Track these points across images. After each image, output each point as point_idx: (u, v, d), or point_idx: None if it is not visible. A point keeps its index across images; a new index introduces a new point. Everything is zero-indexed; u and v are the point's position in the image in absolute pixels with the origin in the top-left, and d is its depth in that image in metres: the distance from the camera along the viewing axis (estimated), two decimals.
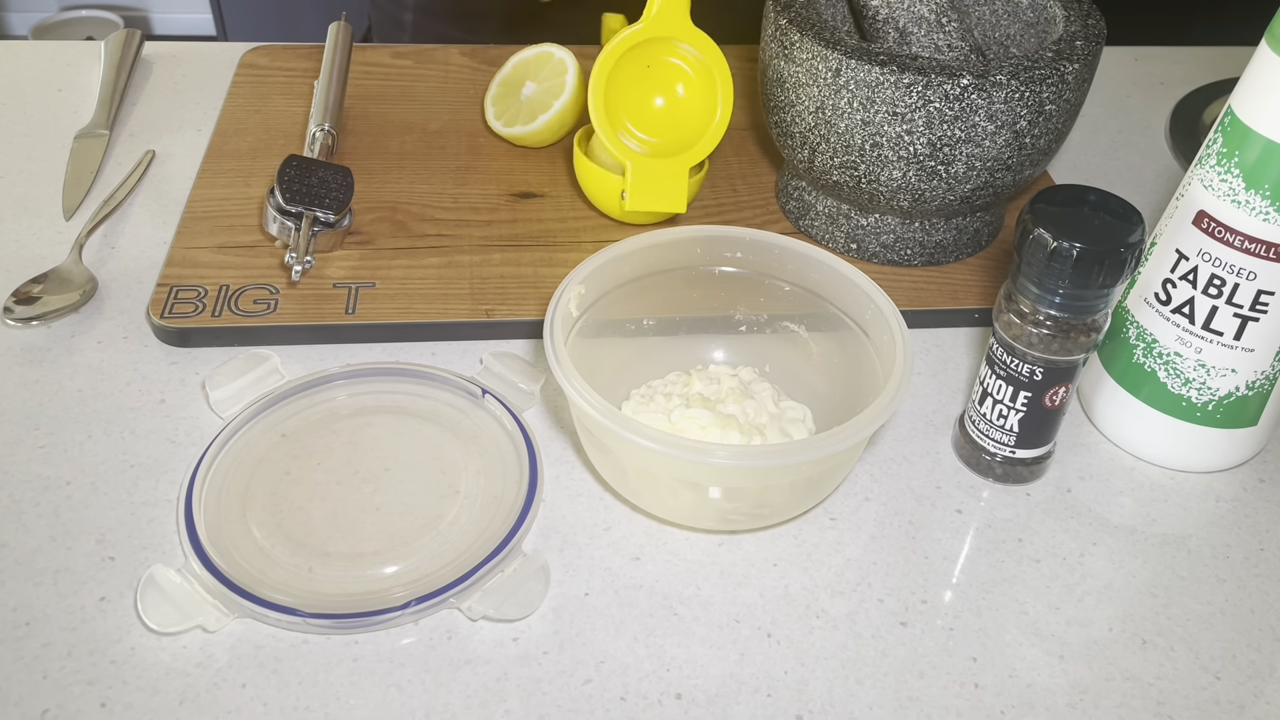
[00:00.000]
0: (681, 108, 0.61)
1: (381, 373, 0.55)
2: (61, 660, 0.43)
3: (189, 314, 0.57)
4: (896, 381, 0.46)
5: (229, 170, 0.67)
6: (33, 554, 0.46)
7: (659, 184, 0.60)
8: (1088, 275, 0.45)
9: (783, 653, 0.45)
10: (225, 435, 0.50)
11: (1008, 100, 0.53)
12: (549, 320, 0.48)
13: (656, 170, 0.60)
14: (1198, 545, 0.50)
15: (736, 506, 0.48)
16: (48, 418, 0.52)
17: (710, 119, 0.61)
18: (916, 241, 0.62)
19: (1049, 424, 0.50)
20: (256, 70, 0.77)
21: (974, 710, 0.43)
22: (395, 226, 0.64)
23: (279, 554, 0.46)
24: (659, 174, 0.60)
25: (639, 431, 0.43)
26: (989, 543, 0.50)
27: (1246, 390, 0.50)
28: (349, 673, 0.43)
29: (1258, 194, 0.46)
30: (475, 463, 0.51)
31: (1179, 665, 0.45)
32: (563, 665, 0.44)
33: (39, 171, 0.68)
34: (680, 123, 0.61)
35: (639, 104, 0.61)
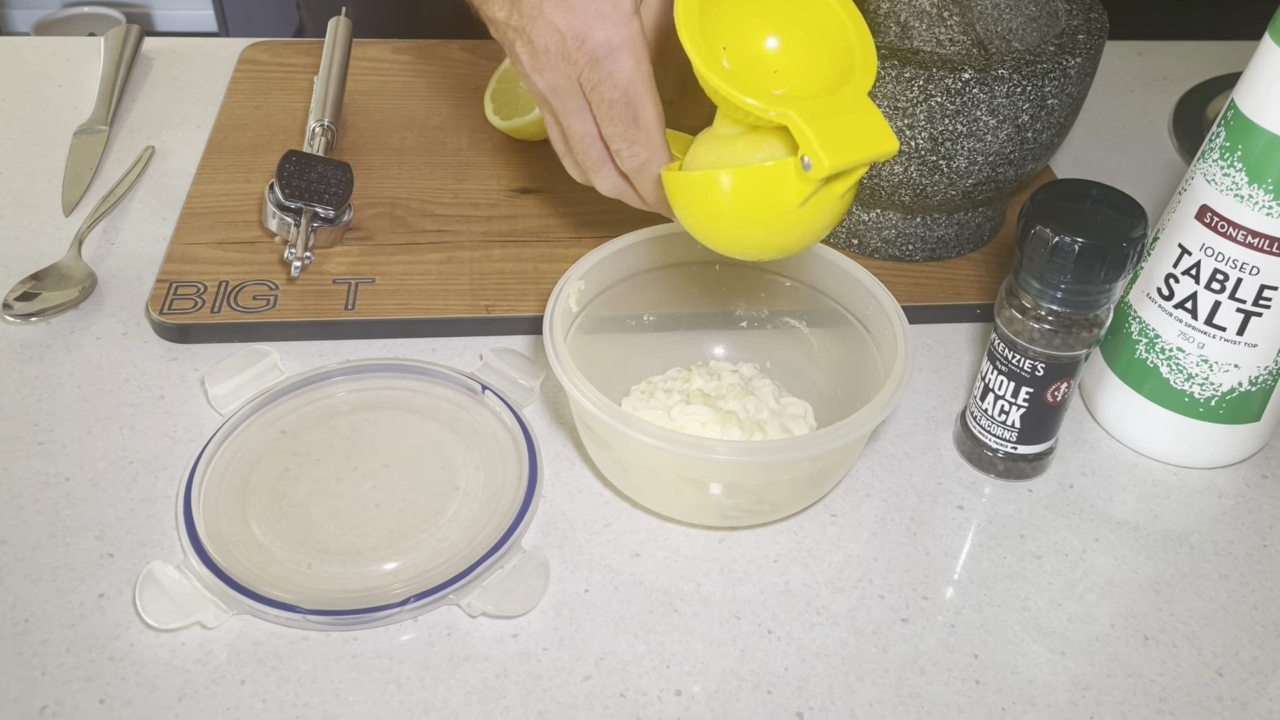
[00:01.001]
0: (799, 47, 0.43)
1: (381, 369, 0.54)
2: (60, 657, 0.43)
3: (188, 310, 0.56)
4: (898, 377, 0.45)
5: (228, 166, 0.67)
6: (32, 550, 0.46)
7: (847, 123, 0.39)
8: (1090, 270, 0.45)
9: (783, 649, 0.45)
10: (224, 431, 0.50)
11: (1010, 94, 0.53)
12: (549, 316, 0.48)
13: (833, 108, 0.39)
14: (1200, 541, 0.50)
15: (737, 503, 0.48)
16: (47, 414, 0.52)
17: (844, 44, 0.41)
18: (918, 237, 0.62)
19: (1051, 420, 0.50)
20: (256, 66, 0.77)
21: (975, 707, 0.43)
22: (395, 222, 0.64)
23: (278, 550, 0.46)
24: (839, 111, 0.39)
25: (639, 428, 0.43)
26: (990, 539, 0.50)
27: (1249, 386, 0.50)
28: (348, 669, 0.43)
29: (1261, 188, 0.45)
30: (475, 459, 0.51)
31: (1181, 662, 0.45)
32: (562, 662, 0.44)
33: (38, 167, 0.68)
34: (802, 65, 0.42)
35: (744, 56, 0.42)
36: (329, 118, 0.67)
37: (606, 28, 0.42)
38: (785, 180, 0.39)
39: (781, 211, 0.41)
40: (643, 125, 0.44)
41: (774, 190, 0.40)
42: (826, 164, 0.38)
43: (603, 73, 0.43)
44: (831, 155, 0.38)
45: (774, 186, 0.40)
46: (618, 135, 0.45)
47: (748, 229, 0.43)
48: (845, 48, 0.41)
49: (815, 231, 0.43)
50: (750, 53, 0.42)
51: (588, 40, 0.42)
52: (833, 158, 0.38)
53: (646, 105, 0.44)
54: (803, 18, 0.42)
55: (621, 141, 0.45)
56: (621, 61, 0.43)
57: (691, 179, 0.42)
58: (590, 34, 0.42)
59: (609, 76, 0.43)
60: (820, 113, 0.38)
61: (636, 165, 0.45)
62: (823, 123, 0.38)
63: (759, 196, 0.41)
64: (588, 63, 0.43)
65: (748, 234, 0.43)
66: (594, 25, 0.42)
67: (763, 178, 0.40)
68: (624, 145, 0.45)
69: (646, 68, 0.43)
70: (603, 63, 0.43)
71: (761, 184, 0.40)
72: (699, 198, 0.42)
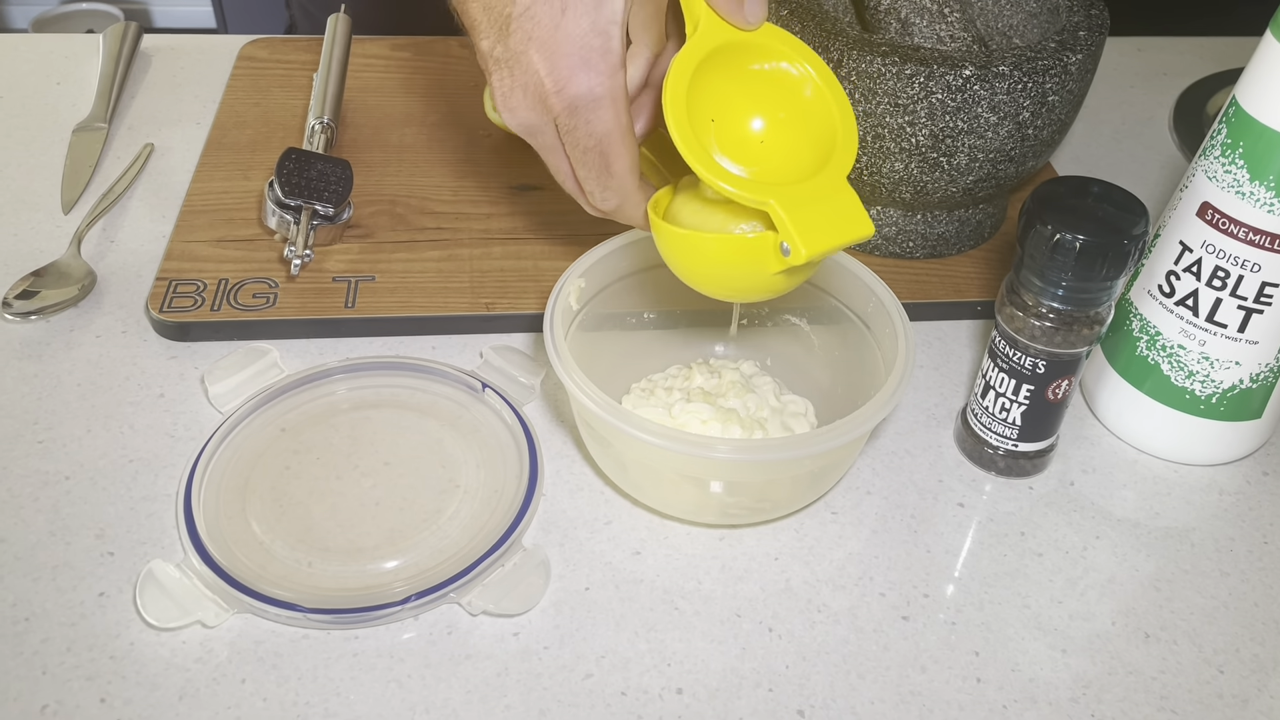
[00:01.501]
0: (784, 126, 0.44)
1: (381, 367, 0.54)
2: (61, 656, 0.43)
3: (188, 308, 0.56)
4: (898, 375, 0.45)
5: (228, 163, 0.67)
6: (32, 549, 0.46)
7: (825, 210, 0.41)
8: (1091, 267, 0.45)
9: (784, 647, 0.45)
10: (224, 430, 0.50)
11: (1010, 91, 0.53)
12: (549, 314, 0.47)
13: (811, 195, 0.41)
14: (1201, 539, 0.50)
15: (738, 501, 0.48)
16: (47, 412, 0.52)
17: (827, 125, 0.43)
18: (918, 234, 0.62)
19: (1052, 417, 0.50)
20: (255, 63, 0.77)
21: (976, 704, 0.43)
22: (395, 220, 0.63)
23: (278, 549, 0.46)
24: (817, 198, 0.41)
25: (639, 426, 0.43)
26: (991, 536, 0.50)
27: (1250, 383, 0.50)
28: (349, 668, 0.43)
29: (1262, 185, 0.45)
30: (475, 457, 0.51)
31: (1182, 659, 0.45)
32: (563, 660, 0.44)
33: (37, 165, 0.68)
34: (785, 145, 0.44)
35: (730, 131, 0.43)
36: (328, 115, 0.67)
37: (590, 77, 0.41)
38: (763, 253, 0.42)
39: (757, 275, 0.43)
40: (615, 174, 0.44)
41: (752, 259, 0.42)
42: (804, 253, 0.40)
43: (579, 120, 0.42)
44: (809, 245, 0.40)
45: (752, 256, 0.42)
46: (590, 179, 0.45)
47: (723, 281, 0.46)
48: (828, 127, 0.43)
49: (788, 287, 0.45)
50: (737, 126, 0.44)
51: (568, 87, 0.41)
52: (810, 247, 0.40)
53: (620, 155, 0.43)
54: (790, 98, 0.44)
55: (594, 185, 0.45)
56: (600, 113, 0.42)
57: (674, 233, 0.44)
58: (572, 81, 0.41)
59: (585, 125, 0.42)
60: (799, 201, 0.41)
61: (609, 209, 0.46)
62: (801, 212, 0.40)
63: (737, 262, 0.43)
64: (564, 109, 0.42)
65: (723, 285, 0.46)
66: (577, 73, 0.41)
67: (743, 248, 0.42)
68: (596, 189, 0.45)
69: (625, 120, 0.43)
70: (580, 111, 0.42)
71: (741, 253, 0.43)
72: (680, 248, 0.45)
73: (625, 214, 0.46)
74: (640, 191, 0.45)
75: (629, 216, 0.46)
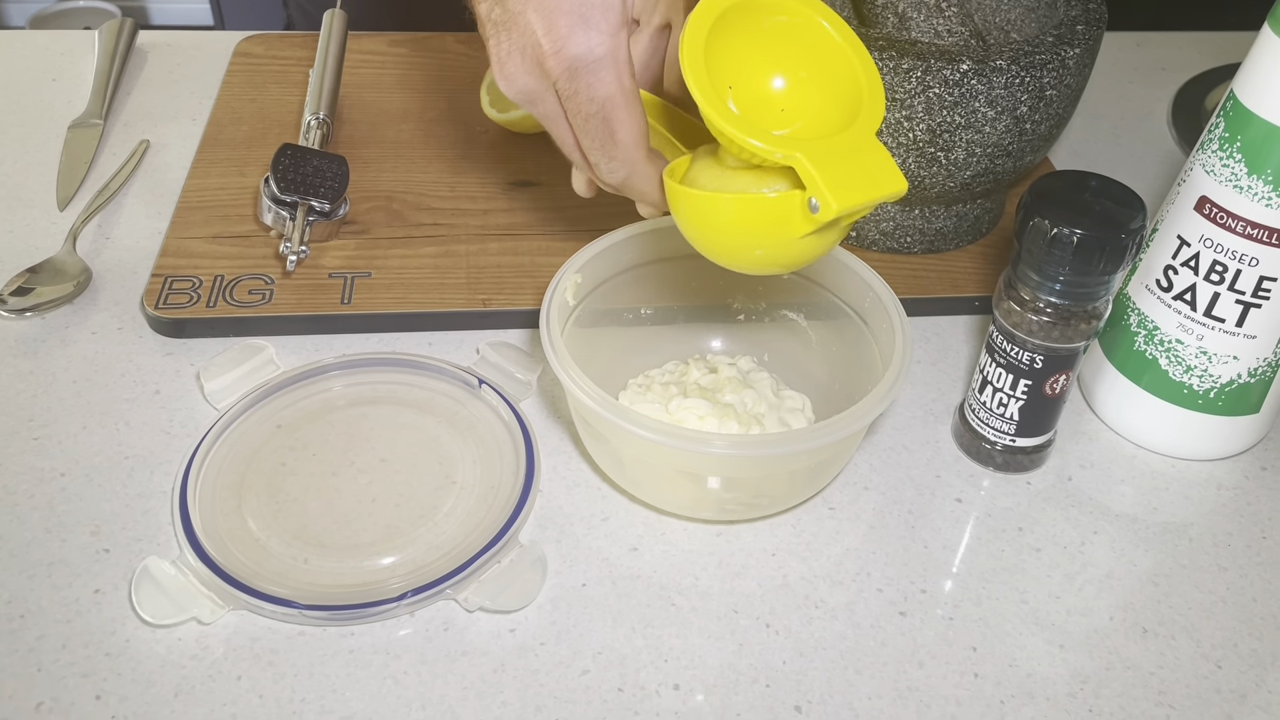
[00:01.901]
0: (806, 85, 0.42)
1: (377, 363, 0.54)
2: (56, 653, 0.43)
3: (184, 304, 0.56)
4: (896, 370, 0.45)
5: (224, 160, 0.67)
6: (27, 546, 0.46)
7: (854, 165, 0.38)
8: (1088, 262, 0.44)
9: (781, 643, 0.44)
10: (220, 426, 0.50)
11: (1008, 85, 0.53)
12: (545, 309, 0.47)
13: (839, 149, 0.39)
14: (1199, 533, 0.50)
15: (735, 496, 0.48)
16: (42, 409, 0.52)
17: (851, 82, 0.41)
18: (916, 229, 0.62)
19: (1049, 412, 0.50)
20: (251, 59, 0.77)
21: (973, 700, 0.43)
22: (391, 216, 0.63)
23: (274, 545, 0.46)
24: (846, 153, 0.39)
25: (636, 421, 0.43)
26: (989, 532, 0.49)
27: (1248, 377, 0.50)
28: (345, 664, 0.43)
29: (1260, 179, 0.45)
30: (472, 453, 0.51)
31: (1180, 654, 0.45)
32: (560, 656, 0.43)
33: (33, 162, 0.68)
34: (809, 104, 0.42)
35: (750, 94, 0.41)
36: (324, 111, 0.67)
37: (590, 36, 0.39)
38: (789, 214, 0.39)
39: (782, 240, 0.40)
40: (620, 143, 0.41)
41: (776, 221, 0.40)
42: (835, 207, 0.37)
43: (580, 84, 0.40)
44: (839, 198, 0.37)
45: (777, 218, 0.40)
46: (594, 150, 0.42)
47: (745, 250, 0.43)
48: (853, 86, 0.41)
49: (813, 256, 0.42)
50: (757, 92, 0.41)
51: (566, 47, 0.39)
52: (840, 200, 0.37)
53: (624, 122, 0.41)
54: (809, 57, 0.41)
55: (599, 156, 0.42)
56: (602, 74, 0.40)
57: (693, 196, 0.41)
58: (570, 40, 0.39)
59: (586, 88, 0.40)
60: (827, 154, 0.38)
61: (616, 182, 0.43)
62: (830, 165, 0.38)
63: (760, 225, 0.40)
64: (563, 72, 0.40)
65: (744, 254, 0.43)
66: (576, 31, 0.39)
67: (767, 209, 0.40)
68: (601, 160, 0.43)
69: (629, 84, 0.41)
70: (580, 74, 0.40)
71: (765, 214, 0.40)
72: (698, 214, 0.42)
73: (635, 187, 0.43)
74: (650, 163, 0.43)
75: (640, 190, 0.43)
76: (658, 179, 0.43)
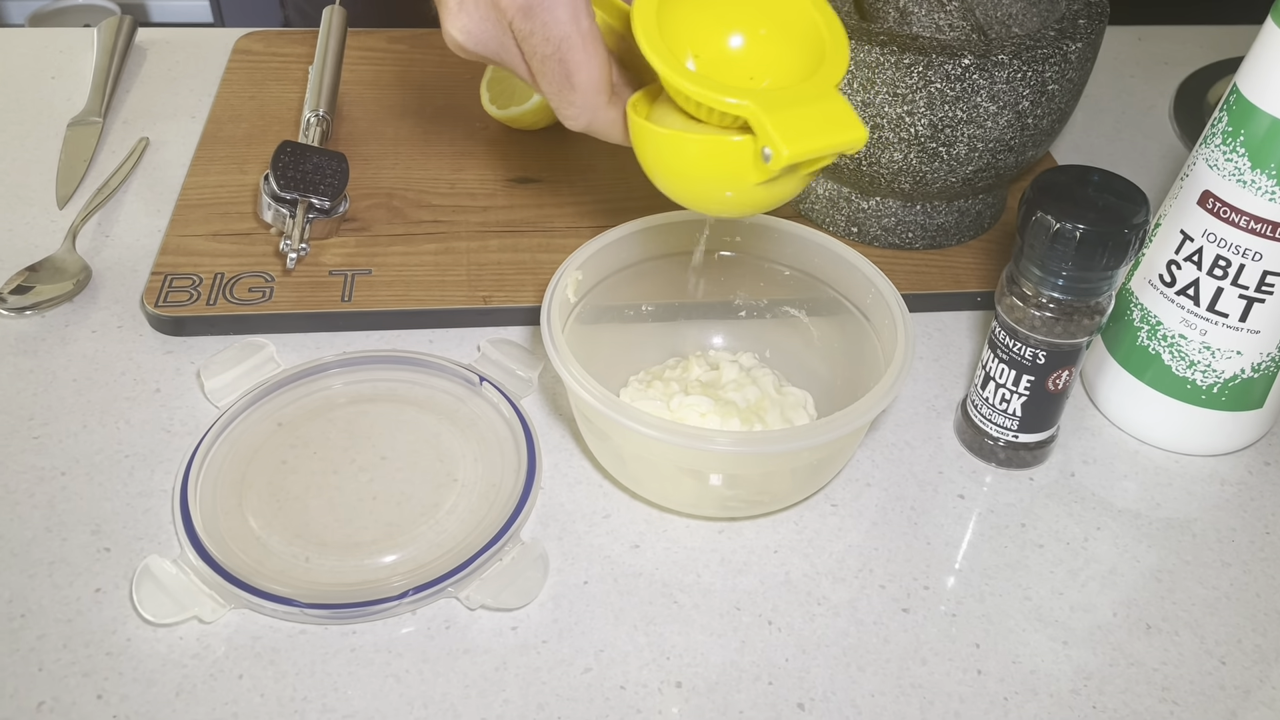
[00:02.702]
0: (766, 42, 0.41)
1: (378, 360, 0.54)
2: (57, 652, 0.42)
3: (184, 302, 0.56)
4: (898, 366, 0.45)
5: (223, 157, 0.67)
6: (28, 545, 0.46)
7: (810, 113, 0.37)
8: (1091, 257, 0.44)
9: (784, 640, 0.44)
10: (221, 425, 0.50)
11: (1010, 80, 0.53)
12: (546, 306, 0.47)
13: (795, 99, 0.38)
14: (1203, 529, 0.50)
15: (737, 493, 0.47)
16: (42, 408, 0.52)
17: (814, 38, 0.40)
18: (918, 224, 0.61)
19: (1052, 408, 0.50)
20: (251, 56, 0.77)
21: (976, 696, 0.43)
22: (391, 213, 0.63)
23: (275, 544, 0.46)
24: (801, 101, 0.38)
25: (638, 418, 0.43)
26: (992, 528, 0.49)
27: (1252, 372, 0.50)
28: (347, 663, 0.43)
29: (1263, 173, 0.45)
30: (473, 451, 0.50)
31: (1184, 650, 0.45)
32: (562, 654, 0.43)
33: (32, 160, 0.68)
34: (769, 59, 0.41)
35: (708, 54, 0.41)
36: (324, 108, 0.66)
37: None
38: (745, 159, 0.39)
39: (738, 184, 0.40)
40: (578, 87, 0.40)
41: (736, 166, 0.39)
42: (785, 153, 0.36)
43: (535, 23, 0.38)
44: (791, 144, 0.36)
45: (736, 162, 0.39)
46: (553, 95, 0.41)
47: (703, 192, 0.42)
48: (815, 41, 0.40)
49: (772, 203, 0.42)
50: (717, 55, 0.41)
51: None
52: (792, 147, 0.36)
53: (581, 65, 0.39)
54: (768, 15, 0.41)
55: (558, 100, 0.41)
56: (556, 12, 0.38)
57: (656, 134, 0.40)
58: None
59: (542, 27, 0.38)
60: (781, 103, 0.37)
61: (579, 126, 0.42)
62: (783, 113, 0.37)
63: (720, 168, 0.40)
64: (518, 11, 0.38)
65: (703, 195, 0.42)
66: None
67: (724, 151, 0.39)
68: (561, 105, 0.41)
69: (586, 24, 0.39)
70: (535, 12, 0.38)
71: (724, 158, 0.39)
72: (659, 150, 0.41)
73: (598, 131, 0.42)
74: (612, 106, 0.41)
75: (605, 134, 0.42)
76: (621, 122, 0.42)
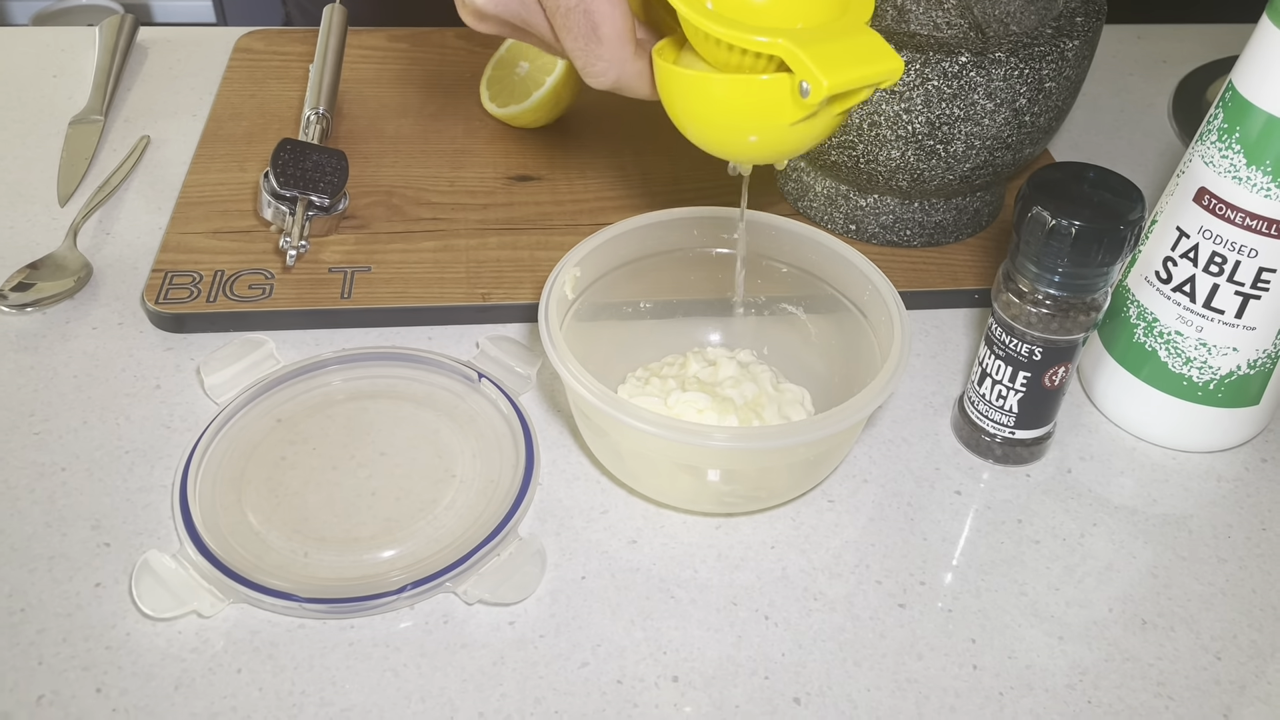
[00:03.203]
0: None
1: (377, 357, 0.54)
2: (57, 646, 0.43)
3: (184, 299, 0.56)
4: (895, 362, 0.45)
5: (224, 155, 0.67)
6: (28, 540, 0.46)
7: (845, 47, 0.37)
8: (1086, 253, 0.44)
9: (780, 635, 0.44)
10: (220, 421, 0.50)
11: (1007, 78, 0.53)
12: (544, 303, 0.47)
13: (828, 35, 0.37)
14: (1199, 525, 0.50)
15: (734, 489, 0.48)
16: (42, 404, 0.52)
17: None
18: (915, 222, 0.62)
19: (1049, 404, 0.50)
20: (251, 55, 0.77)
21: (972, 691, 0.43)
22: (391, 210, 0.63)
23: (274, 539, 0.46)
24: (835, 37, 0.37)
25: (635, 415, 0.43)
26: (988, 524, 0.49)
27: (1248, 369, 0.50)
28: (345, 657, 0.43)
29: (1259, 170, 0.45)
30: (471, 447, 0.51)
31: (1179, 645, 0.45)
32: (559, 648, 0.43)
33: (34, 158, 0.68)
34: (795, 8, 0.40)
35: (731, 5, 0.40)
36: (324, 106, 0.67)
37: None
38: (781, 98, 0.38)
39: (772, 126, 0.39)
40: (604, 39, 0.40)
41: (769, 105, 0.38)
42: (825, 84, 0.35)
43: None
44: (830, 74, 0.35)
45: (770, 101, 0.38)
46: (579, 51, 0.40)
47: (736, 136, 0.41)
48: None
49: (805, 145, 0.41)
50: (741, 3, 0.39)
51: None
52: (831, 77, 0.35)
53: (606, 16, 0.39)
54: None
55: (584, 57, 0.40)
56: None
57: (683, 76, 0.40)
58: None
59: None
60: (814, 39, 0.36)
61: (605, 84, 0.41)
62: (818, 48, 0.36)
63: (753, 109, 0.39)
64: None
65: (735, 140, 0.42)
66: None
67: (759, 90, 0.38)
68: (587, 61, 0.41)
69: None
70: None
71: (757, 97, 0.39)
72: (689, 96, 0.41)
73: (626, 86, 0.42)
74: (638, 58, 0.41)
75: (631, 89, 0.42)
76: (648, 73, 0.42)
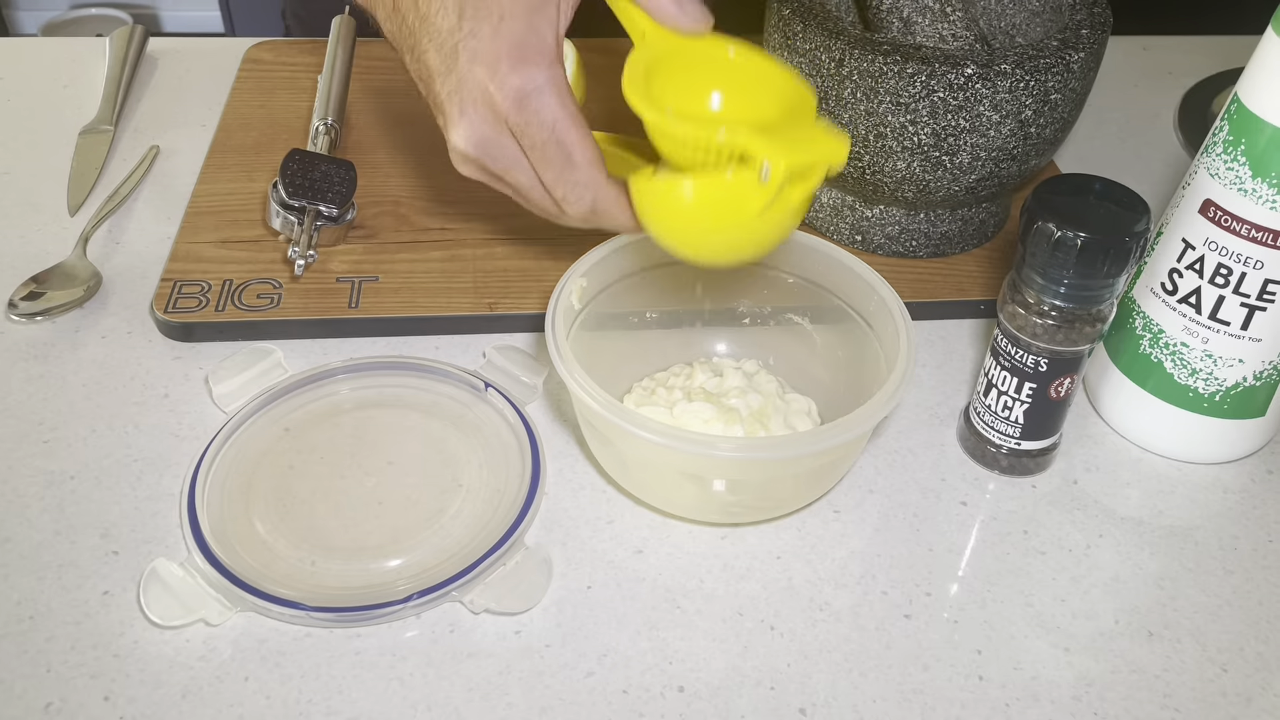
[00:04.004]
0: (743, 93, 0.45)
1: (384, 366, 0.55)
2: (65, 654, 0.43)
3: (193, 309, 0.57)
4: (900, 373, 0.45)
5: (233, 165, 0.67)
6: (36, 548, 0.47)
7: (797, 135, 0.42)
8: (1092, 265, 0.45)
9: (786, 645, 0.45)
10: (228, 429, 0.51)
11: (1012, 90, 0.53)
12: (551, 313, 0.48)
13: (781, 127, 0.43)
14: (1205, 537, 0.50)
15: (740, 499, 0.48)
16: (52, 412, 0.52)
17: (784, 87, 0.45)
18: (921, 233, 0.62)
19: (1054, 415, 0.50)
20: (260, 65, 0.77)
21: (978, 703, 0.43)
22: (398, 220, 0.64)
23: (282, 548, 0.46)
24: (787, 127, 0.43)
25: (641, 425, 0.43)
26: (994, 535, 0.49)
27: (1254, 380, 0.50)
28: (351, 666, 0.43)
29: (1264, 182, 0.45)
30: (478, 456, 0.51)
31: (1186, 657, 0.45)
32: (565, 658, 0.44)
33: (44, 167, 0.68)
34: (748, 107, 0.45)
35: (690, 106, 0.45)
36: (332, 116, 0.67)
37: (527, 69, 0.42)
38: (745, 189, 0.42)
39: (742, 219, 0.43)
40: (578, 164, 0.44)
41: (735, 198, 0.42)
42: (783, 163, 0.40)
43: (528, 113, 0.43)
44: (786, 155, 0.40)
45: (735, 195, 0.42)
46: (558, 181, 0.44)
47: (709, 236, 0.45)
48: (785, 91, 0.44)
49: (774, 238, 0.45)
50: (700, 114, 0.45)
51: (509, 80, 0.42)
52: (787, 157, 0.40)
53: (577, 142, 0.43)
54: (743, 74, 0.45)
55: (562, 187, 0.44)
56: (546, 99, 0.42)
57: (656, 185, 0.44)
58: (512, 75, 0.42)
59: (535, 114, 0.43)
60: (769, 130, 0.41)
61: (585, 209, 0.45)
62: (773, 135, 0.41)
63: (721, 204, 0.43)
64: (511, 104, 0.42)
65: (709, 240, 0.46)
66: (516, 67, 0.42)
67: (725, 186, 0.43)
68: (566, 190, 0.44)
69: (572, 107, 0.43)
70: (528, 101, 0.42)
71: (724, 192, 0.43)
72: (663, 205, 0.44)
73: (603, 209, 0.45)
74: (613, 185, 0.45)
75: (609, 211, 0.45)
76: (623, 197, 0.45)
